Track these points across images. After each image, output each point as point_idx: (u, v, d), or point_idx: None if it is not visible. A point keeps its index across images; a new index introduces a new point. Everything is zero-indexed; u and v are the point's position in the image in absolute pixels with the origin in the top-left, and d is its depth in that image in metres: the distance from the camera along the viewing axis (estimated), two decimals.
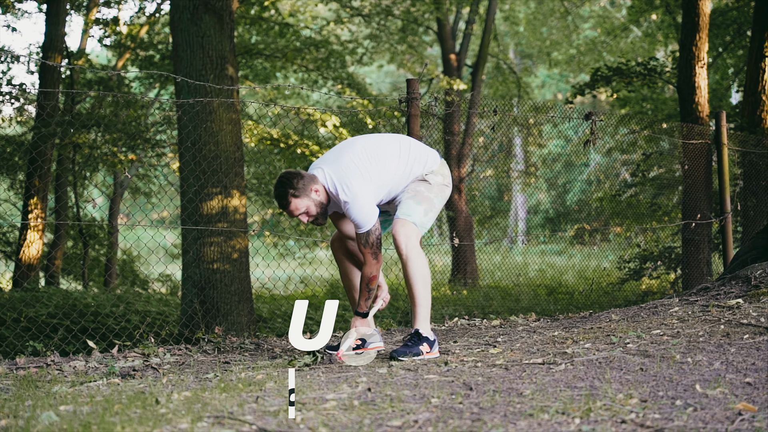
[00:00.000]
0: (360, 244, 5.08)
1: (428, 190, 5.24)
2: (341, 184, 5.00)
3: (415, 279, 5.09)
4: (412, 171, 5.24)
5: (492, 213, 22.50)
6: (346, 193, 4.99)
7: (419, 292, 5.10)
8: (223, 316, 9.09)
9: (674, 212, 13.36)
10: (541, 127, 18.00)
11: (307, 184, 5.01)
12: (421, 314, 5.12)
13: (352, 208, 4.99)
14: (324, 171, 5.08)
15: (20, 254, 13.28)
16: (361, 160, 5.10)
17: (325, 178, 5.06)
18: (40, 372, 4.99)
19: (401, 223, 5.10)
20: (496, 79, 24.53)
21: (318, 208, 5.07)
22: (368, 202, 5.02)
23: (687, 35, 11.32)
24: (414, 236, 5.10)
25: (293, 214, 5.06)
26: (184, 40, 9.67)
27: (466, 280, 16.63)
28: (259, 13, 18.77)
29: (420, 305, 5.12)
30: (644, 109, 19.33)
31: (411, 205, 5.16)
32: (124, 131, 14.56)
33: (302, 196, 5.00)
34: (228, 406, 3.61)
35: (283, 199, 5.01)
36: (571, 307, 11.87)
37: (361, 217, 5.00)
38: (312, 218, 5.11)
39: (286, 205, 5.03)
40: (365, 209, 5.00)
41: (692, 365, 4.18)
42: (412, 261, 5.07)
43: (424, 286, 5.10)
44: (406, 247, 5.06)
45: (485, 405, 3.51)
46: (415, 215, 5.13)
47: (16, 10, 16.79)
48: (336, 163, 5.09)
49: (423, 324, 5.12)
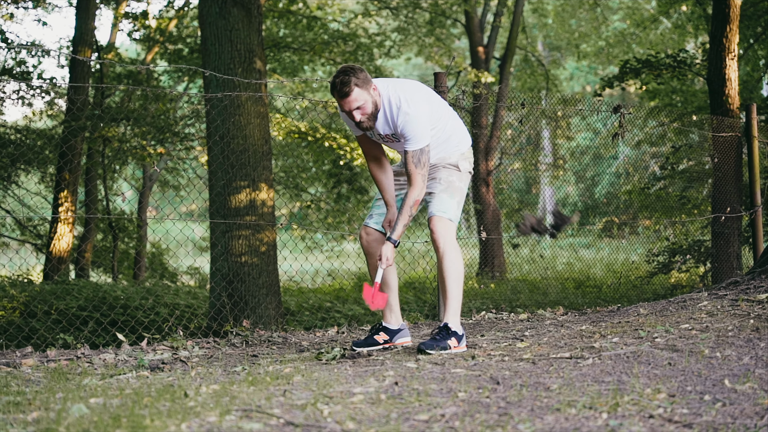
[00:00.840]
0: (411, 163, 5.02)
1: (459, 179, 5.29)
2: (405, 100, 5.00)
3: (449, 274, 5.10)
4: (451, 136, 5.29)
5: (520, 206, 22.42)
6: (409, 105, 4.98)
7: (452, 287, 5.11)
8: (251, 309, 9.13)
9: (704, 205, 13.26)
10: (570, 119, 17.91)
11: (368, 79, 4.98)
12: (452, 308, 5.14)
13: (410, 122, 4.98)
14: (386, 83, 5.10)
15: (51, 247, 13.39)
16: (424, 90, 5.17)
17: (387, 88, 5.06)
18: (70, 364, 5.04)
19: (438, 220, 5.13)
20: (524, 71, 24.42)
21: (373, 107, 5.02)
22: (426, 121, 5.03)
23: (717, 26, 11.22)
24: (451, 232, 5.12)
25: (351, 105, 4.97)
26: (213, 34, 9.71)
27: (494, 273, 16.60)
28: (287, 6, 18.80)
29: (452, 299, 5.13)
30: (674, 102, 19.18)
31: (445, 199, 5.19)
32: (153, 125, 14.64)
33: (363, 88, 4.95)
34: (256, 399, 3.63)
35: (346, 86, 4.91)
36: (599, 300, 11.82)
37: (419, 132, 4.99)
38: (365, 117, 5.02)
39: (347, 93, 4.92)
40: (423, 126, 5.00)
41: (721, 360, 4.15)
42: (449, 256, 5.09)
43: (458, 281, 5.12)
44: (444, 243, 5.08)
45: (512, 399, 3.51)
46: (450, 211, 5.17)
47: (46, 5, 16.92)
48: (399, 84, 5.12)
49: (453, 318, 5.13)
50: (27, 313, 10.31)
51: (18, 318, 10.21)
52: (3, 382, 4.37)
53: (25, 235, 15.49)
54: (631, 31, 24.48)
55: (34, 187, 14.97)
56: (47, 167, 14.53)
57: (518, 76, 24.70)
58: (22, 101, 14.58)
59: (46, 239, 14.47)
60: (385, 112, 5.07)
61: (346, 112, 5.04)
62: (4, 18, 15.54)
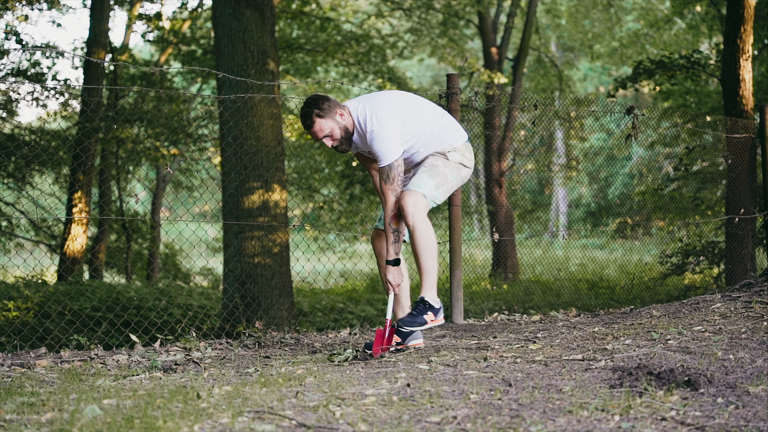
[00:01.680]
0: (381, 179, 5.11)
1: (444, 165, 5.28)
2: (371, 114, 5.06)
3: (421, 248, 5.10)
4: (438, 135, 5.28)
5: (533, 207, 22.39)
6: (373, 122, 5.04)
7: (426, 261, 5.12)
8: (263, 310, 9.15)
9: (717, 206, 13.22)
10: (583, 120, 17.87)
11: (332, 107, 5.08)
12: (428, 282, 5.15)
13: (376, 138, 5.03)
14: (358, 102, 5.17)
15: (65, 248, 13.45)
16: (396, 101, 5.19)
17: (356, 107, 5.14)
18: (84, 365, 5.06)
19: (409, 194, 5.11)
20: (537, 72, 24.39)
21: (342, 132, 5.12)
22: (393, 136, 5.05)
23: (731, 27, 11.18)
24: (421, 206, 5.10)
25: (317, 136, 5.11)
26: (226, 35, 9.74)
27: (507, 274, 16.58)
28: (300, 7, 18.83)
29: (427, 273, 5.14)
30: (687, 103, 19.13)
31: (423, 177, 5.20)
32: (166, 126, 14.68)
33: (327, 117, 5.07)
34: (268, 400, 3.64)
35: (308, 119, 5.07)
36: (612, 301, 11.80)
37: (385, 149, 5.03)
38: (336, 142, 5.15)
39: (310, 125, 5.08)
40: (389, 142, 5.03)
41: (734, 362, 4.14)
42: (419, 230, 5.08)
43: (431, 254, 5.11)
44: (413, 216, 5.06)
45: (524, 401, 3.51)
46: (425, 187, 5.16)
47: (61, 6, 16.98)
48: (371, 98, 5.19)
49: (429, 292, 5.16)
50: (41, 313, 10.36)
51: (32, 319, 10.26)
52: (17, 382, 4.39)
53: (40, 236, 15.55)
54: (645, 31, 24.42)
55: (48, 188, 15.03)
56: (61, 168, 14.58)
57: (531, 76, 24.66)
58: (37, 102, 14.65)
59: (60, 240, 14.53)
60: (359, 130, 5.15)
61: (316, 140, 5.16)
62: (19, 20, 15.61)
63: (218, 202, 10.33)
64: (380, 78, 18.64)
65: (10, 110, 14.63)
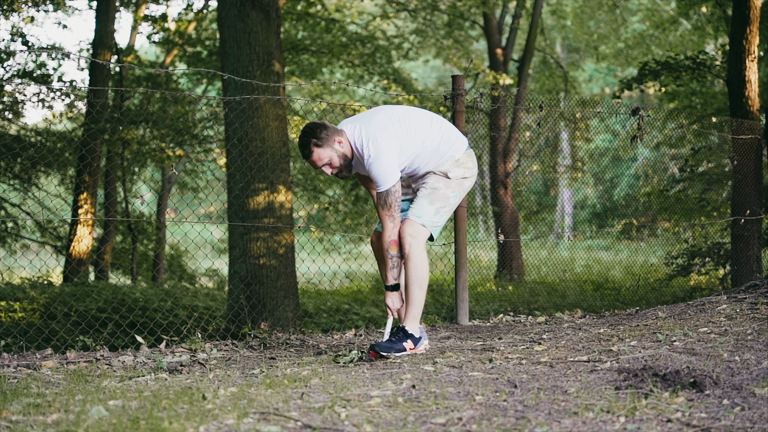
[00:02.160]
0: (378, 205, 5.12)
1: (446, 186, 5.26)
2: (368, 139, 5.04)
3: (412, 279, 5.12)
4: (439, 148, 5.25)
5: (538, 208, 22.39)
6: (370, 149, 5.02)
7: (414, 293, 5.14)
8: (269, 312, 9.15)
9: (723, 207, 13.20)
10: (588, 121, 17.87)
11: (330, 135, 5.07)
12: (412, 313, 5.17)
13: (373, 164, 5.02)
14: (354, 126, 5.15)
15: (70, 249, 13.46)
16: (392, 121, 5.15)
17: (353, 132, 5.12)
18: (89, 366, 5.07)
19: (409, 224, 5.14)
20: (542, 73, 24.37)
21: (341, 160, 5.11)
22: (391, 161, 5.04)
23: (737, 28, 11.17)
24: (420, 236, 5.13)
25: (316, 165, 5.11)
26: (231, 37, 9.74)
27: (512, 275, 16.57)
28: (305, 8, 18.84)
29: (413, 305, 5.15)
30: (693, 104, 19.10)
31: (424, 205, 5.20)
32: (172, 127, 14.70)
33: (325, 146, 5.05)
34: (273, 402, 3.65)
35: (306, 149, 5.06)
36: (617, 303, 11.79)
37: (382, 175, 5.03)
38: (335, 170, 5.15)
39: (308, 155, 5.07)
40: (387, 167, 5.03)
41: (740, 364, 4.13)
42: (413, 262, 5.11)
43: (420, 287, 5.13)
44: (409, 247, 5.10)
45: (529, 403, 3.51)
46: (424, 216, 5.17)
47: (67, 8, 17.02)
48: (366, 121, 5.15)
49: (412, 323, 5.17)
50: (47, 315, 10.38)
51: (38, 320, 10.27)
52: (23, 383, 4.40)
53: (45, 237, 15.57)
54: (651, 32, 24.40)
55: (54, 190, 15.05)
56: (67, 170, 14.60)
57: (537, 78, 24.65)
58: (43, 104, 14.67)
59: (65, 241, 14.55)
60: (357, 155, 5.15)
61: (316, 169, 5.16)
62: (25, 21, 15.64)
63: (223, 204, 10.33)
64: (385, 79, 18.65)
65: (16, 112, 14.65)
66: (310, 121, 5.17)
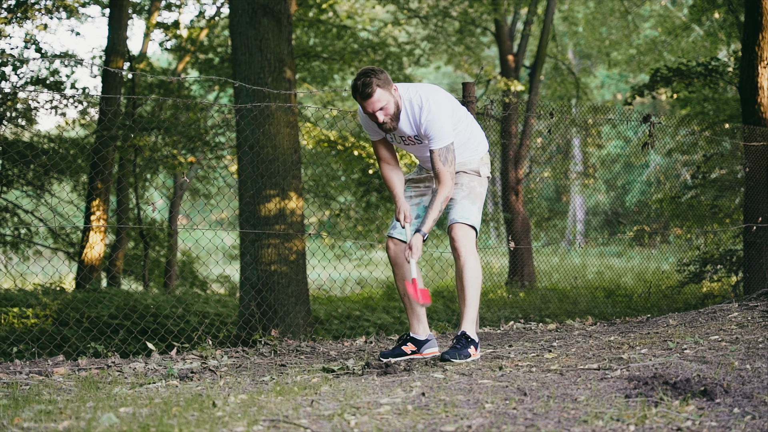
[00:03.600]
0: (438, 161, 5.05)
1: (480, 185, 5.32)
2: (427, 97, 5.04)
3: (469, 283, 5.12)
4: (469, 141, 5.30)
5: (550, 214, 22.36)
6: (430, 104, 5.01)
7: (471, 296, 5.14)
8: (280, 318, 9.17)
9: (736, 214, 13.16)
10: (600, 127, 17.83)
11: (388, 80, 5.02)
12: (470, 317, 5.17)
13: (434, 120, 5.01)
14: (407, 87, 5.13)
15: (83, 255, 13.51)
16: (444, 95, 5.17)
17: (407, 90, 5.10)
18: (101, 373, 5.08)
19: (460, 228, 5.14)
20: (554, 79, 24.36)
21: (395, 108, 5.04)
22: (448, 119, 5.06)
23: (749, 35, 11.14)
24: (472, 239, 5.14)
25: (375, 106, 4.99)
26: (243, 44, 9.78)
27: (523, 282, 16.55)
28: (317, 15, 18.88)
29: (470, 308, 5.15)
30: (705, 110, 19.05)
31: (467, 206, 5.20)
32: (183, 134, 14.74)
33: (384, 88, 4.98)
34: (283, 409, 3.65)
35: (368, 87, 4.93)
36: (629, 310, 11.77)
37: (442, 130, 5.02)
38: (388, 117, 5.04)
39: (370, 94, 4.94)
40: (446, 124, 5.03)
41: (751, 372, 4.12)
42: (470, 265, 5.11)
43: (476, 290, 5.14)
44: (465, 251, 5.09)
45: (539, 411, 3.50)
46: (472, 217, 5.18)
47: (80, 15, 17.10)
48: (418, 87, 5.14)
49: (470, 327, 5.17)
50: (59, 321, 10.41)
51: (50, 326, 10.31)
52: (35, 390, 4.42)
53: (58, 243, 15.63)
54: (663, 39, 24.35)
55: (66, 196, 15.10)
56: (79, 176, 14.65)
57: (548, 84, 24.63)
58: (56, 111, 14.73)
59: (78, 248, 14.60)
60: (407, 113, 5.10)
61: (369, 113, 5.05)
62: (38, 28, 15.71)
63: (235, 210, 10.36)
64: None
65: (29, 118, 14.72)
66: (366, 66, 5.11)
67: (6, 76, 14.48)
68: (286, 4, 9.94)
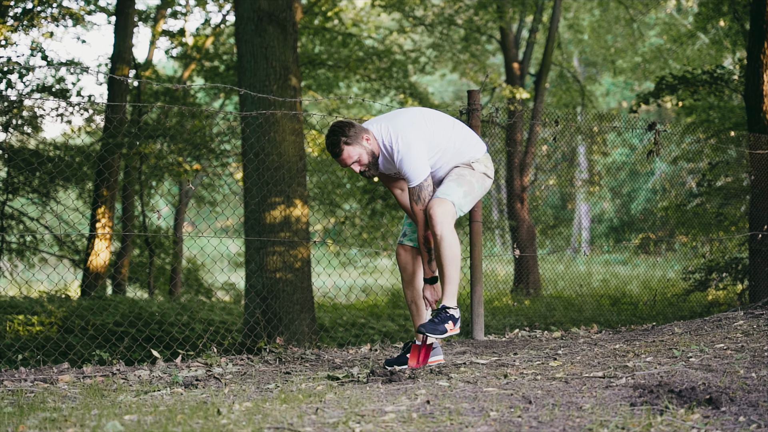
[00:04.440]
0: (412, 201, 5.15)
1: (471, 174, 5.31)
2: (396, 135, 5.08)
3: (447, 257, 5.12)
4: (459, 150, 5.31)
5: (555, 222, 22.32)
6: (399, 144, 5.06)
7: (450, 270, 5.13)
8: (285, 326, 9.16)
9: (741, 222, 13.14)
10: (605, 135, 17.82)
11: (358, 132, 5.09)
12: (450, 290, 5.17)
13: (405, 159, 5.06)
14: (380, 124, 5.19)
15: (88, 263, 13.52)
16: (417, 120, 5.21)
17: (380, 130, 5.16)
18: (106, 381, 5.08)
19: (439, 202, 5.12)
20: (559, 87, 24.35)
21: (369, 157, 5.13)
22: (421, 155, 5.09)
23: (754, 43, 11.14)
24: (450, 215, 5.11)
25: (346, 162, 5.12)
26: (248, 51, 9.79)
27: (529, 290, 16.53)
28: (322, 23, 18.91)
29: (450, 282, 5.16)
30: (711, 118, 19.03)
31: (452, 186, 5.22)
32: (189, 141, 14.76)
33: (354, 144, 5.07)
34: (288, 417, 3.65)
35: (336, 147, 5.08)
36: (635, 317, 11.74)
37: (413, 169, 5.06)
38: (364, 168, 5.16)
39: (338, 153, 5.09)
40: (418, 162, 5.07)
41: (756, 380, 4.11)
42: (446, 239, 5.09)
43: (455, 264, 5.14)
44: (440, 225, 5.08)
45: (544, 419, 3.50)
46: (453, 195, 5.17)
47: (86, 23, 17.14)
48: (391, 120, 5.20)
49: (451, 300, 5.18)
50: (64, 328, 10.42)
51: (55, 334, 10.31)
52: (40, 398, 4.42)
53: (63, 250, 15.65)
54: (668, 46, 24.34)
55: (72, 204, 15.13)
56: (85, 184, 14.68)
57: (553, 92, 24.62)
58: (61, 118, 14.76)
59: (83, 255, 14.61)
60: (385, 154, 5.18)
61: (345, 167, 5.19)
62: (45, 36, 15.76)
63: (240, 218, 10.37)
64: (402, 93, 18.69)
65: (35, 126, 14.75)
66: (337, 120, 5.20)
67: (12, 83, 14.53)
68: (292, 12, 9.96)
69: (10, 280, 13.54)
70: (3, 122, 14.07)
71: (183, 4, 19.93)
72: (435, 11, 20.71)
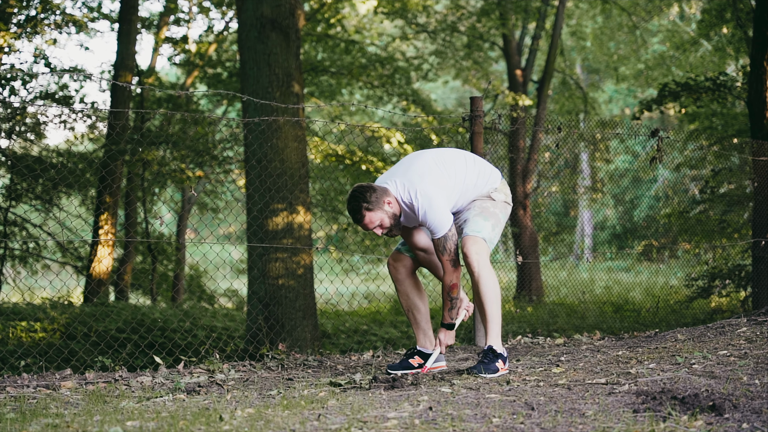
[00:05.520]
0: (438, 252, 5.13)
1: (493, 206, 5.29)
2: (415, 192, 5.05)
3: (487, 297, 5.10)
4: (476, 184, 5.29)
5: (558, 229, 22.32)
6: (420, 200, 5.04)
7: (491, 310, 5.12)
8: (287, 332, 9.16)
9: (744, 229, 13.13)
10: (608, 142, 17.82)
11: (380, 197, 5.05)
12: (494, 331, 5.15)
13: (428, 214, 5.03)
14: (396, 182, 5.14)
15: (91, 269, 13.52)
16: (431, 168, 5.17)
17: (397, 189, 5.12)
18: (108, 387, 5.08)
19: (472, 240, 5.11)
20: (562, 94, 24.35)
21: (392, 220, 5.11)
22: (442, 206, 5.07)
23: (757, 49, 11.14)
24: (484, 252, 5.11)
25: (368, 227, 5.10)
26: (251, 58, 9.80)
27: (531, 296, 16.52)
28: (325, 30, 18.93)
29: (492, 322, 5.14)
30: (714, 125, 19.03)
31: (479, 221, 5.18)
32: (192, 148, 14.77)
33: (376, 209, 5.05)
34: (290, 423, 3.65)
35: (357, 213, 5.05)
36: (637, 324, 11.73)
37: (438, 222, 5.04)
38: (386, 230, 5.16)
39: (360, 219, 5.06)
40: (441, 214, 5.05)
41: (760, 387, 4.10)
42: (484, 278, 5.08)
43: (496, 303, 5.12)
44: (477, 264, 5.07)
45: (547, 425, 3.49)
46: (484, 231, 5.15)
47: (89, 30, 17.17)
48: (406, 174, 5.15)
49: (496, 340, 5.15)
50: (67, 335, 10.42)
51: (58, 340, 10.31)
52: (42, 404, 4.42)
53: (66, 257, 15.65)
54: (671, 53, 24.34)
55: (74, 210, 15.13)
56: (88, 190, 14.69)
57: (556, 99, 24.63)
58: (64, 125, 14.77)
59: (86, 261, 14.61)
60: (407, 212, 5.16)
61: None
62: (48, 43, 15.78)
63: (243, 224, 10.38)
64: (405, 100, 18.69)
65: (38, 133, 14.76)
66: (357, 184, 5.15)
67: (15, 90, 14.54)
68: (295, 19, 9.97)
69: (13, 286, 13.54)
70: (6, 129, 14.09)
71: (186, 11, 19.96)
72: (438, 18, 20.72)
